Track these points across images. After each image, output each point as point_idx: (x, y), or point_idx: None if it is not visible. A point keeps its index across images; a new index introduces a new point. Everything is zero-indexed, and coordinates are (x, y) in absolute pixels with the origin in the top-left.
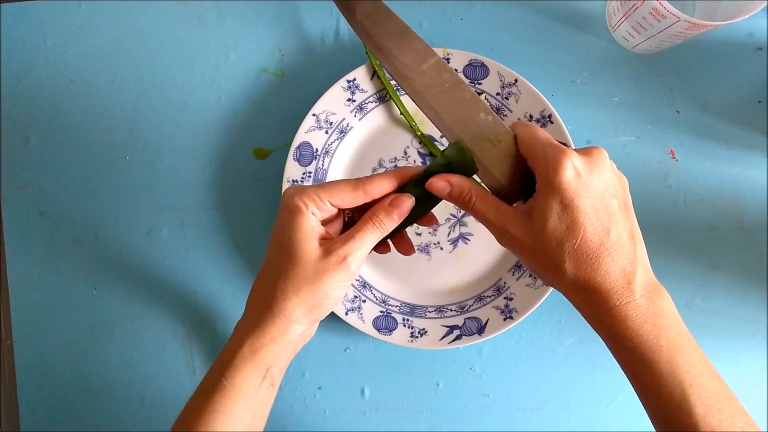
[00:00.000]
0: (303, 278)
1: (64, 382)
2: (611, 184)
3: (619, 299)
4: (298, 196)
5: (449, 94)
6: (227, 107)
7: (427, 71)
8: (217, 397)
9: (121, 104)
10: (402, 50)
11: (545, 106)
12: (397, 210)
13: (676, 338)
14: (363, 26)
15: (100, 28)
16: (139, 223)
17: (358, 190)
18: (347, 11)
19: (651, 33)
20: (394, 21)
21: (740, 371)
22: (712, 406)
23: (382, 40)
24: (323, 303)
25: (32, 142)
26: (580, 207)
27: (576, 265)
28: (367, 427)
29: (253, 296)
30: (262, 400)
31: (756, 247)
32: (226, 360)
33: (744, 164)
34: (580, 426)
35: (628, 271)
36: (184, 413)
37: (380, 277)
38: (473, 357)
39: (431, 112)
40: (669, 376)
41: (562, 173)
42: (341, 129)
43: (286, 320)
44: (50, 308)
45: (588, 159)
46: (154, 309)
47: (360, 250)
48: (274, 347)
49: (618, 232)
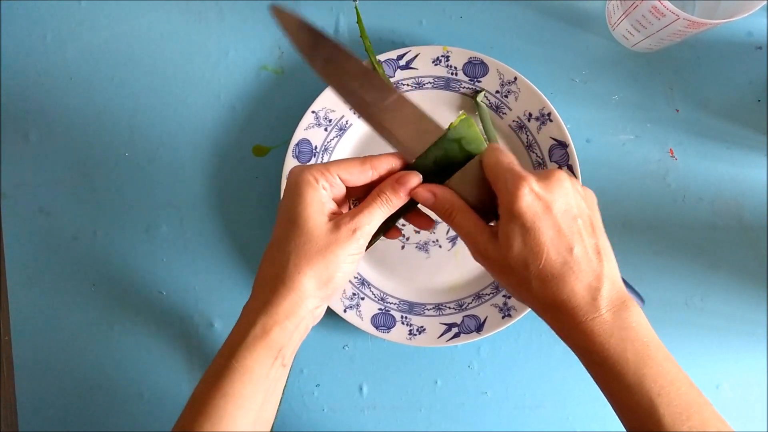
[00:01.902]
0: (316, 251)
1: (63, 379)
2: (573, 203)
3: (584, 315)
4: (307, 171)
5: (413, 126)
6: (227, 104)
7: (389, 106)
8: (227, 380)
9: (120, 101)
10: (365, 89)
11: (544, 105)
12: (403, 187)
13: (643, 350)
14: (326, 71)
15: (100, 25)
16: (138, 219)
17: (366, 164)
18: (309, 58)
19: (651, 31)
20: (355, 63)
21: (740, 371)
22: (681, 414)
23: (345, 81)
24: (336, 276)
25: (31, 139)
26: (541, 229)
27: (542, 284)
28: (365, 425)
29: (262, 274)
30: (274, 381)
31: (755, 246)
32: (236, 342)
33: (743, 163)
34: (578, 424)
35: (593, 287)
36: (192, 398)
37: (379, 275)
38: (471, 355)
39: (398, 143)
40: (636, 387)
41: (520, 199)
42: (340, 126)
43: (300, 293)
44: (49, 305)
45: (546, 182)
46: (152, 305)
47: (369, 225)
48: (287, 324)
49: (582, 249)
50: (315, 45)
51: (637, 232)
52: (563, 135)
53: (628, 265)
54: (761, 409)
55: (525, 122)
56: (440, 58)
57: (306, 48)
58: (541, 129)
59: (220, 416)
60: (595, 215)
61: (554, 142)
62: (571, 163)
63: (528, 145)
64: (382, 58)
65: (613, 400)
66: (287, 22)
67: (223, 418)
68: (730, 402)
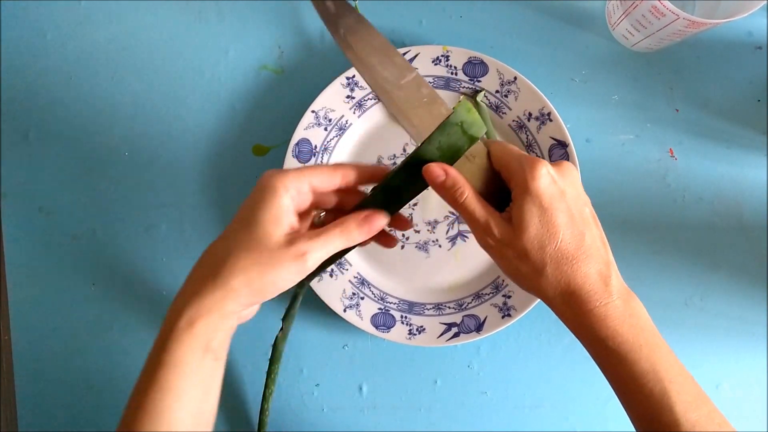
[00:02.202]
0: (256, 259)
1: (63, 378)
2: (582, 193)
3: (598, 300)
4: (277, 177)
5: (426, 108)
6: (226, 104)
7: (405, 86)
8: (161, 373)
9: (120, 100)
10: (383, 65)
11: (544, 104)
12: (368, 226)
13: (652, 339)
14: (346, 40)
15: (100, 24)
16: (138, 219)
17: (337, 171)
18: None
19: (650, 31)
20: (376, 37)
21: (740, 371)
22: (690, 403)
23: (364, 54)
24: (268, 289)
25: (31, 138)
26: (558, 210)
27: (557, 267)
28: (364, 425)
29: (199, 264)
30: (209, 375)
31: (755, 246)
32: (165, 334)
33: (743, 163)
34: (578, 424)
35: (604, 273)
36: (132, 395)
37: (378, 275)
38: (471, 354)
39: (409, 124)
40: (649, 374)
41: (538, 179)
42: (340, 126)
43: (226, 294)
44: (48, 304)
45: (559, 169)
46: (152, 305)
47: (321, 251)
48: (211, 319)
49: (592, 237)
50: (339, 14)
51: (636, 231)
52: (563, 135)
53: (628, 265)
54: (761, 409)
55: (525, 122)
56: (440, 57)
57: (329, 16)
58: (541, 129)
59: (160, 412)
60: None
61: (554, 141)
62: (571, 163)
63: (528, 144)
64: None
65: (623, 387)
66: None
67: (162, 413)
68: (730, 402)
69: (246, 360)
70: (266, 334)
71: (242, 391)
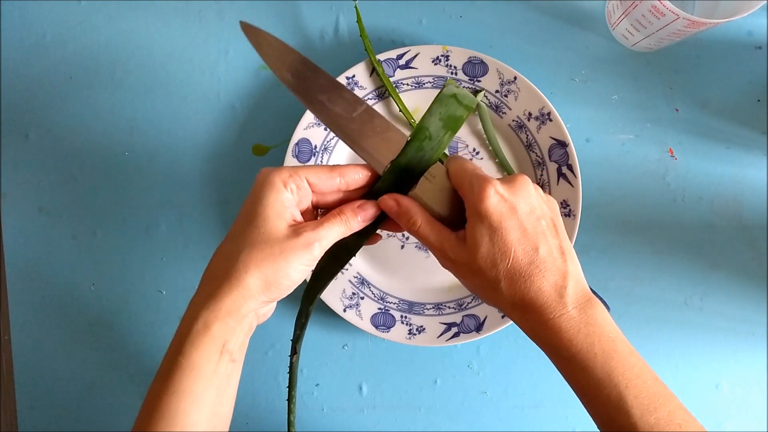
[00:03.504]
0: (268, 253)
1: (63, 378)
2: (537, 206)
3: (552, 312)
4: (275, 173)
5: (381, 137)
6: (226, 104)
7: (357, 118)
8: (177, 377)
9: (120, 100)
10: (333, 102)
11: (544, 104)
12: (362, 212)
13: (609, 345)
14: (295, 84)
15: (100, 24)
16: (138, 219)
17: (335, 171)
18: (278, 71)
19: (650, 31)
20: (323, 76)
21: (739, 371)
22: (648, 406)
23: (314, 94)
24: (282, 282)
25: (31, 138)
26: (508, 229)
27: (510, 283)
28: (364, 424)
29: (210, 268)
30: (225, 377)
31: (755, 246)
32: (181, 337)
33: (743, 163)
34: (577, 424)
35: (559, 285)
36: (147, 398)
37: (378, 274)
38: (471, 354)
39: (366, 154)
40: (605, 381)
41: (486, 200)
42: None
43: (242, 292)
44: (48, 304)
45: (511, 185)
46: (152, 305)
47: (326, 239)
48: (228, 320)
49: (547, 249)
50: (283, 58)
51: (636, 231)
52: (563, 134)
53: (628, 265)
54: (761, 409)
55: (525, 122)
56: (440, 57)
57: (275, 62)
58: (541, 128)
59: (174, 414)
60: (558, 220)
61: (554, 141)
62: (571, 163)
63: (528, 144)
64: (381, 57)
65: (583, 395)
66: (256, 38)
67: (177, 415)
68: (729, 402)
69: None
70: (265, 334)
71: (242, 391)
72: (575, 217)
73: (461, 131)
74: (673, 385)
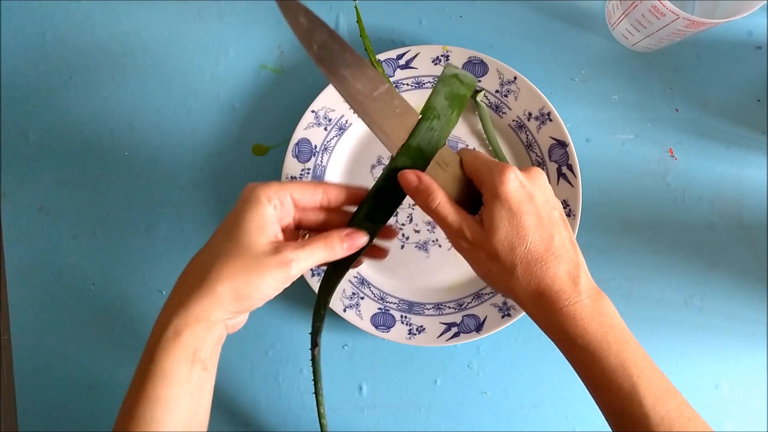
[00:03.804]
0: (242, 266)
1: (63, 378)
2: (551, 197)
3: (567, 299)
4: (260, 188)
5: (399, 119)
6: (226, 103)
7: (378, 97)
8: (150, 384)
9: (120, 100)
10: (356, 77)
11: (544, 104)
12: (349, 241)
13: (621, 336)
14: (320, 56)
15: (100, 24)
16: (138, 218)
17: (319, 187)
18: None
19: (650, 31)
20: (350, 52)
21: (739, 370)
22: (659, 396)
23: (338, 68)
24: (253, 296)
25: (31, 138)
26: (526, 213)
27: (527, 268)
28: (364, 424)
29: (184, 275)
30: (198, 385)
31: (755, 245)
32: (152, 344)
33: (743, 163)
34: (577, 424)
35: (573, 274)
36: (123, 406)
37: (378, 274)
38: (471, 354)
39: (383, 134)
40: (618, 370)
41: (507, 183)
42: (340, 126)
43: (212, 301)
44: (48, 304)
45: (528, 174)
46: (152, 305)
47: (306, 261)
48: (197, 328)
49: (560, 239)
50: (312, 30)
51: (636, 231)
52: (563, 134)
53: (628, 265)
54: (761, 409)
55: (525, 122)
56: (440, 57)
57: (303, 32)
58: (541, 128)
59: (150, 422)
60: (564, 214)
61: (554, 141)
62: (571, 163)
63: (528, 144)
64: (381, 57)
65: (594, 383)
66: (288, 6)
67: (153, 423)
68: (729, 402)
69: (245, 360)
70: (265, 334)
71: (242, 391)
72: (575, 217)
73: (461, 131)
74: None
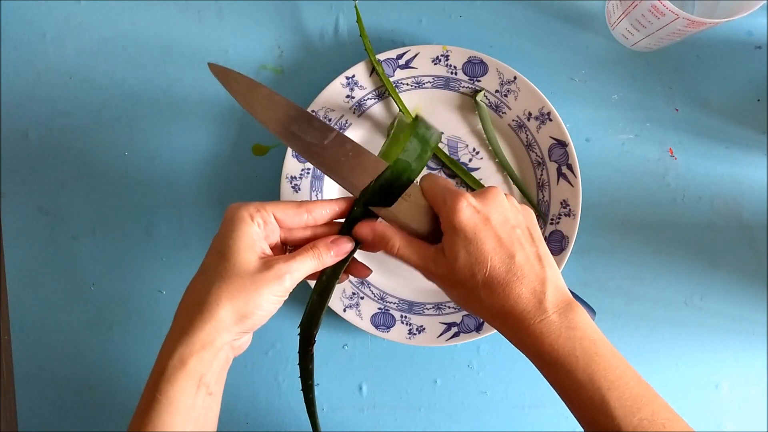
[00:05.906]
0: (240, 285)
1: (63, 378)
2: (511, 215)
3: (532, 318)
4: (243, 208)
5: (354, 161)
6: (226, 103)
7: (329, 145)
8: (155, 413)
9: (120, 100)
10: (304, 131)
11: (544, 104)
12: (335, 248)
13: (591, 348)
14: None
15: (99, 24)
16: (138, 219)
17: (302, 207)
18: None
19: (650, 31)
20: (292, 107)
21: (739, 370)
22: (631, 406)
23: (285, 124)
24: (255, 313)
25: (31, 138)
26: (483, 239)
27: (490, 292)
28: (364, 424)
29: (183, 303)
30: (203, 411)
31: (755, 245)
32: (158, 374)
33: (743, 163)
34: (577, 424)
35: (538, 291)
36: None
37: (378, 274)
38: (471, 354)
39: (340, 179)
40: (587, 384)
41: (460, 212)
42: (340, 126)
43: (216, 325)
44: (48, 304)
45: (482, 197)
46: (152, 305)
47: (298, 272)
48: (203, 354)
49: (524, 256)
50: (251, 93)
51: (636, 231)
52: (563, 134)
53: (628, 265)
54: (761, 408)
55: (524, 121)
56: (440, 57)
57: (243, 97)
58: (541, 128)
59: None
60: (534, 228)
61: (554, 141)
62: (571, 162)
63: (527, 144)
64: (381, 57)
65: (567, 398)
66: (223, 76)
67: None
68: (729, 401)
69: (245, 360)
70: (265, 334)
71: (242, 391)
72: (575, 217)
73: (461, 131)
74: (673, 384)
